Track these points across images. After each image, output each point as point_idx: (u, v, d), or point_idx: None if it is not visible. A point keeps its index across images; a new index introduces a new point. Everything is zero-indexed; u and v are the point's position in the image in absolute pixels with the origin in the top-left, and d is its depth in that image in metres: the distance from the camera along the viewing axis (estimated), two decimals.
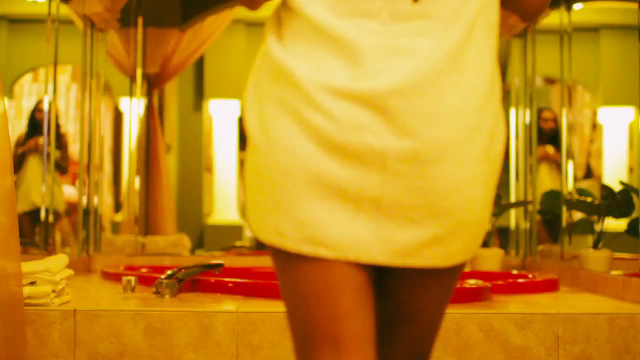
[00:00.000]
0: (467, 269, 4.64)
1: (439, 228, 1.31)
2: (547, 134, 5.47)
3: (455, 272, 1.43)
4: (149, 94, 6.18)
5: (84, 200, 5.11)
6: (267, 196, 1.30)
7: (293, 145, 1.27)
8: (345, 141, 1.25)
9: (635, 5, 3.67)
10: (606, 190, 3.98)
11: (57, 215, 5.03)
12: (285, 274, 1.34)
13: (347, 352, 1.29)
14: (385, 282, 1.39)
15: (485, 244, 4.72)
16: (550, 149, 5.36)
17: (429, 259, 1.33)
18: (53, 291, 2.99)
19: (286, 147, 1.27)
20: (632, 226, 3.91)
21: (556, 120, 5.55)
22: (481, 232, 1.41)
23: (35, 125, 5.63)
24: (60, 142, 5.67)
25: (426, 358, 1.49)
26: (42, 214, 4.87)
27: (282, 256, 1.32)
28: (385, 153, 1.26)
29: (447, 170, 1.28)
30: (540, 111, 5.61)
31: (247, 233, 8.32)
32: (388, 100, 1.25)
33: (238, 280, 3.56)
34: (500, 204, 4.63)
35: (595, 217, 4.07)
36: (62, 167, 5.59)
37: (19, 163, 5.45)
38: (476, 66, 1.33)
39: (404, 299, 1.42)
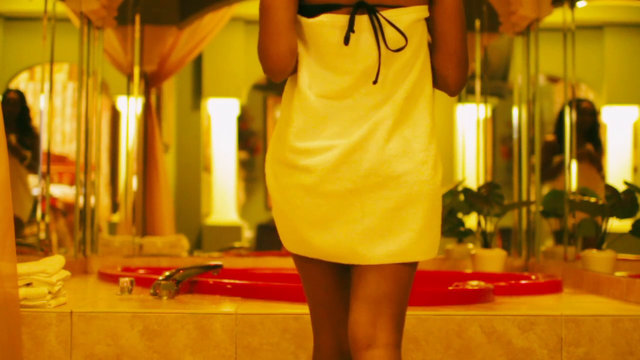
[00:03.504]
0: (469, 270, 4.61)
1: (403, 235, 1.97)
2: (582, 129, 5.41)
3: (408, 265, 2.02)
4: (146, 93, 6.16)
5: (81, 201, 5.08)
6: (289, 229, 2.06)
7: (298, 198, 1.98)
8: (334, 190, 1.95)
9: (639, 3, 3.64)
10: (610, 190, 3.95)
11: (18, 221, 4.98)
12: (304, 267, 2.11)
13: (338, 312, 2.11)
14: (357, 273, 2.03)
15: (487, 245, 4.69)
16: (589, 146, 5.33)
17: (394, 257, 1.98)
18: (49, 292, 2.96)
19: (294, 200, 1.99)
20: (636, 227, 3.90)
21: (593, 114, 5.51)
22: (431, 238, 2.04)
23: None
24: (34, 138, 5.61)
25: (393, 332, 1.99)
26: (39, 214, 4.84)
27: (304, 259, 2.09)
28: (360, 189, 1.95)
29: (402, 193, 1.95)
30: (577, 106, 5.55)
31: (246, 234, 8.31)
32: (354, 153, 1.93)
33: (237, 281, 3.54)
34: (503, 205, 4.60)
35: (599, 218, 4.04)
36: (33, 166, 5.53)
37: None
38: (416, 122, 1.97)
39: (367, 276, 2.00)
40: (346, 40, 1.92)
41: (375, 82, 1.94)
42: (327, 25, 1.95)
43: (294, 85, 2.03)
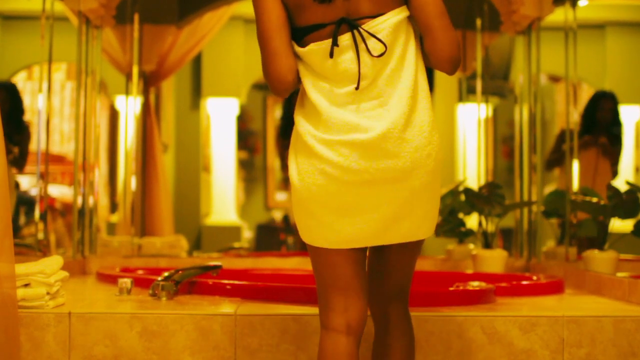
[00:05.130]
0: (470, 271, 4.60)
1: (411, 219, 2.25)
2: (602, 124, 5.40)
3: (417, 242, 2.35)
4: (145, 92, 6.15)
5: (79, 201, 5.06)
6: (311, 219, 2.26)
7: (319, 186, 2.20)
8: (354, 181, 2.18)
9: None
10: (612, 190, 3.93)
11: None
12: (321, 258, 2.30)
13: (355, 289, 2.30)
14: (379, 249, 2.38)
15: (488, 246, 4.67)
16: (602, 138, 5.33)
17: (403, 237, 2.28)
18: (47, 293, 2.95)
19: (316, 189, 2.21)
20: (638, 227, 3.87)
21: (614, 111, 5.50)
22: (432, 219, 2.32)
23: None
24: (23, 134, 5.56)
25: (405, 293, 2.44)
26: (37, 214, 4.82)
27: (321, 250, 2.28)
28: (377, 181, 2.18)
29: (414, 183, 2.20)
30: (599, 100, 5.54)
31: (246, 234, 8.30)
32: (372, 149, 2.15)
33: (236, 282, 3.52)
34: (504, 205, 4.57)
35: (601, 218, 4.02)
36: (19, 162, 5.48)
37: None
38: (421, 118, 2.20)
39: (388, 256, 2.37)
40: (331, 54, 2.18)
41: (357, 88, 2.18)
42: (317, 53, 2.21)
43: (303, 90, 2.28)
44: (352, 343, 2.28)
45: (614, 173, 5.49)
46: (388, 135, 2.16)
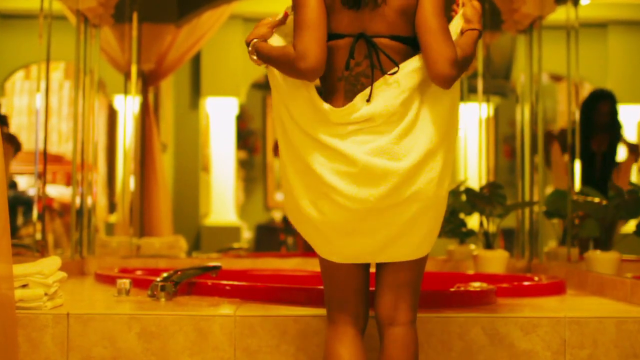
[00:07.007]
0: (471, 272, 4.59)
1: (410, 240, 2.38)
2: (601, 127, 5.42)
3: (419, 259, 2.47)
4: (144, 92, 6.14)
5: (78, 201, 5.04)
6: (318, 237, 2.42)
7: (328, 210, 2.33)
8: (357, 208, 2.31)
9: None
10: (614, 190, 3.91)
11: None
12: (329, 269, 2.48)
13: (359, 293, 2.48)
14: (384, 264, 2.49)
15: (489, 246, 4.66)
16: (603, 140, 5.33)
17: (403, 256, 2.42)
18: (45, 294, 2.95)
19: (323, 212, 2.34)
20: None
21: (611, 114, 5.50)
22: (431, 239, 2.43)
23: None
24: (2, 127, 5.52)
25: (412, 309, 2.48)
26: (35, 214, 4.80)
27: (330, 262, 2.46)
28: (380, 208, 2.30)
29: (409, 211, 2.32)
30: (597, 102, 5.53)
31: (245, 234, 8.29)
32: (375, 179, 2.28)
33: (235, 283, 3.51)
34: (505, 205, 4.56)
35: (603, 218, 4.00)
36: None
37: None
38: (420, 145, 2.30)
39: (392, 271, 2.48)
40: (347, 66, 2.33)
41: (368, 100, 2.29)
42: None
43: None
44: (361, 336, 2.49)
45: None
46: (390, 166, 2.28)
